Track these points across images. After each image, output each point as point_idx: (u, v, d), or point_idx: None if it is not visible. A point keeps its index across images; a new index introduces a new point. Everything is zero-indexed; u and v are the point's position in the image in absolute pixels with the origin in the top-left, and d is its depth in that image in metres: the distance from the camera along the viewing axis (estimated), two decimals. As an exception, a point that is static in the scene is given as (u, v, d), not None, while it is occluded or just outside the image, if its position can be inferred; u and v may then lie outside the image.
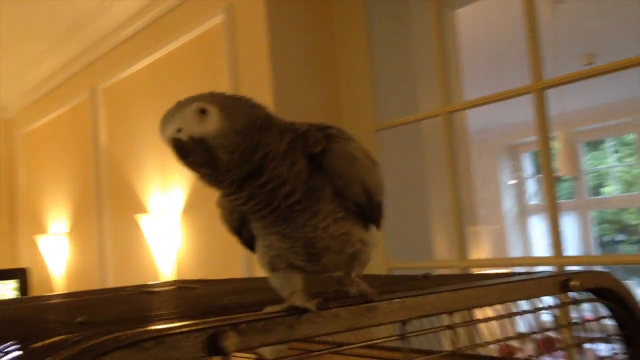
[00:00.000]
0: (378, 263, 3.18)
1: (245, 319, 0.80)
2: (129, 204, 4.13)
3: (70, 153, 5.01)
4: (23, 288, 4.93)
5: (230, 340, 0.76)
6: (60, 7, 4.10)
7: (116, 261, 4.36)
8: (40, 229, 5.33)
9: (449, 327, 1.00)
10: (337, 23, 3.38)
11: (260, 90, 3.15)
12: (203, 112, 0.91)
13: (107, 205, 4.44)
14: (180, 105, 0.93)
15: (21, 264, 5.54)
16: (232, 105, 0.93)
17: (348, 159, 0.98)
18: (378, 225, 1.07)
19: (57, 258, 4.99)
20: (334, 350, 0.97)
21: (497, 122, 9.22)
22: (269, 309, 0.88)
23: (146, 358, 0.71)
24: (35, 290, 5.07)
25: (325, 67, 3.33)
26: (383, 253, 3.20)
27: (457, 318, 1.01)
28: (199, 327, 0.75)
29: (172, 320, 0.87)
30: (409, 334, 0.95)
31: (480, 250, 6.56)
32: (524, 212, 9.89)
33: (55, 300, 1.49)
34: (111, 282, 4.32)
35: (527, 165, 9.98)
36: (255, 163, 0.91)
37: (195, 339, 0.74)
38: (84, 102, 4.73)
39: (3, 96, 5.83)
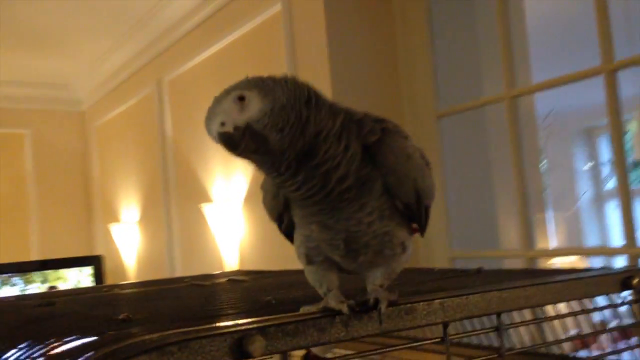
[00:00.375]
0: (439, 253, 3.11)
1: (274, 321, 0.78)
2: (194, 193, 4.21)
3: (139, 144, 5.15)
4: (98, 274, 5.13)
5: (257, 344, 0.74)
6: (127, 1, 4.19)
7: (183, 249, 4.46)
8: (113, 217, 5.52)
9: (496, 328, 0.95)
10: (397, 7, 3.30)
11: (319, 77, 3.12)
12: (241, 99, 0.88)
13: (174, 194, 4.54)
14: (218, 100, 0.91)
15: (97, 251, 5.77)
16: (271, 85, 0.90)
17: (403, 156, 0.95)
18: (422, 231, 1.04)
19: (129, 246, 5.15)
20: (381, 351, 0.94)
21: (571, 105, 8.84)
22: (305, 308, 0.85)
23: (169, 363, 0.70)
24: (109, 277, 5.26)
25: (384, 54, 3.26)
26: (445, 243, 3.12)
27: (507, 318, 0.96)
28: (225, 330, 0.74)
29: (207, 320, 0.86)
30: (452, 336, 0.91)
31: (552, 239, 6.33)
32: (599, 199, 9.47)
33: (112, 292, 1.52)
34: (179, 270, 4.42)
35: (603, 149, 9.53)
36: (309, 140, 0.88)
37: (221, 342, 0.73)
38: (150, 94, 4.84)
39: (78, 90, 6.06)
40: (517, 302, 0.96)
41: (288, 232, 1.04)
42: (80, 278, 5.19)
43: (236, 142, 0.88)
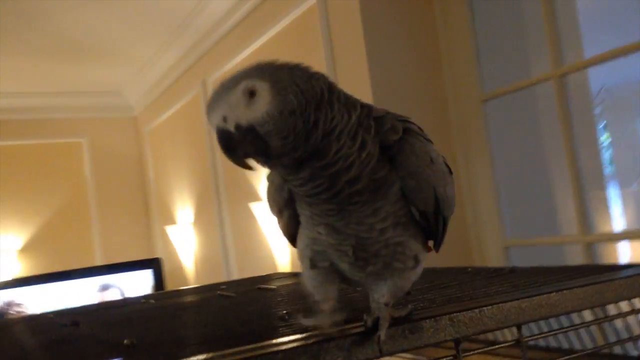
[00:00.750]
0: (492, 243, 3.00)
1: (260, 351, 0.73)
2: (244, 192, 4.22)
3: (189, 145, 5.21)
4: (158, 277, 5.22)
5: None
6: (168, 4, 4.22)
7: (237, 250, 4.48)
8: (169, 219, 5.61)
9: (517, 341, 0.87)
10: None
11: (357, 67, 3.05)
12: (252, 93, 0.80)
13: (225, 194, 4.57)
14: (226, 87, 0.83)
15: (156, 253, 5.89)
16: (286, 79, 0.82)
17: (426, 159, 0.87)
18: (438, 245, 0.95)
19: (186, 247, 5.22)
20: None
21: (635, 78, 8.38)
22: (303, 321, 0.80)
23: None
24: (169, 279, 5.35)
25: (424, 38, 3.15)
26: (498, 231, 3.00)
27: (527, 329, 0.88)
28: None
29: (193, 347, 0.83)
30: (465, 354, 0.83)
31: (619, 221, 6.01)
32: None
33: (135, 307, 1.51)
34: (235, 271, 4.45)
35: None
36: (316, 143, 0.80)
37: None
38: (197, 95, 4.87)
39: (129, 96, 6.19)
40: (539, 312, 0.87)
41: (290, 232, 0.96)
42: (140, 281, 5.29)
43: (234, 144, 0.80)
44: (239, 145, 0.81)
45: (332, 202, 0.83)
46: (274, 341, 0.75)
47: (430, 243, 0.95)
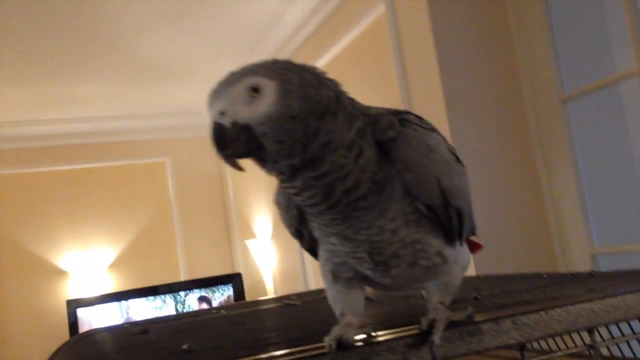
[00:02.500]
0: (578, 251, 2.84)
1: (311, 352, 0.71)
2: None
3: (266, 161, 5.27)
4: (238, 292, 5.30)
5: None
6: (243, 22, 4.31)
7: (314, 262, 4.48)
8: (250, 233, 5.70)
9: (590, 346, 0.80)
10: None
11: (428, 73, 2.99)
12: (256, 90, 0.78)
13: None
14: (231, 80, 0.81)
15: (237, 268, 5.99)
16: (294, 81, 0.79)
17: (422, 149, 0.81)
18: (460, 239, 0.87)
19: (266, 261, 5.28)
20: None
21: None
22: (325, 338, 0.75)
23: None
24: (249, 293, 5.43)
25: (498, 39, 3.05)
26: (584, 239, 2.84)
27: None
28: (252, 364, 0.68)
29: (252, 350, 0.81)
30: (532, 357, 0.77)
31: None
32: None
33: (202, 317, 1.52)
34: (312, 283, 4.45)
35: None
36: (313, 152, 0.77)
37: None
38: (271, 112, 4.93)
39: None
40: (614, 315, 0.80)
41: (311, 250, 0.94)
42: (223, 296, 5.39)
43: (227, 141, 0.78)
44: (231, 143, 0.78)
45: (334, 211, 0.80)
46: (322, 344, 0.72)
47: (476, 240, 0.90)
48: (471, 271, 2.33)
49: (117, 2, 3.68)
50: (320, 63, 4.13)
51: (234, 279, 5.33)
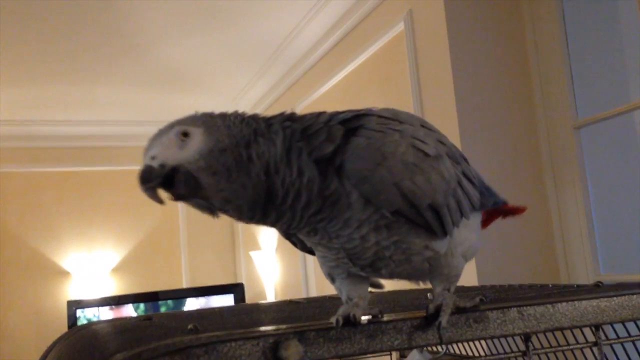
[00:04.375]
0: (584, 277, 2.83)
1: (316, 327, 0.71)
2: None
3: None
4: (239, 301, 5.29)
5: (293, 350, 0.67)
6: (263, 35, 4.35)
7: (317, 276, 4.47)
8: (255, 245, 5.70)
9: (594, 344, 0.80)
10: (526, 13, 3.10)
11: (444, 94, 3.01)
12: (185, 135, 0.82)
13: (308, 222, 4.58)
14: (161, 132, 0.86)
15: (239, 279, 5.98)
16: (218, 123, 0.83)
17: (374, 158, 0.79)
18: (443, 232, 0.85)
19: (269, 273, 5.27)
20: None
21: None
22: (332, 319, 0.76)
23: (195, 365, 0.66)
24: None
25: (514, 65, 3.07)
26: (590, 266, 2.83)
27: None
28: (259, 334, 0.69)
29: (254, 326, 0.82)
30: (536, 351, 0.78)
31: None
32: None
33: (213, 311, 1.53)
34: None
35: None
36: (260, 180, 0.79)
37: (253, 347, 0.67)
38: (283, 125, 4.96)
39: (223, 125, 6.39)
40: (620, 314, 0.80)
41: (313, 252, 0.96)
42: (224, 304, 5.38)
43: (151, 176, 0.83)
44: (154, 178, 0.83)
45: (302, 227, 0.83)
46: (329, 320, 0.73)
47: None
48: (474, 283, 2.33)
49: (140, 9, 3.73)
50: (335, 79, 4.17)
51: (235, 289, 5.32)
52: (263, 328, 0.70)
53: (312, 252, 0.96)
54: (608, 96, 3.00)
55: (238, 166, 0.80)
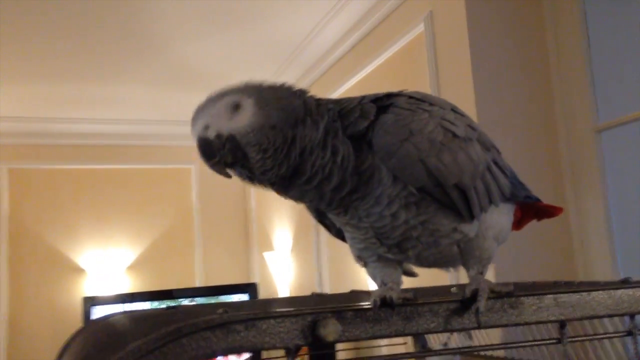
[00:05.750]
0: (602, 278, 2.80)
1: (354, 307, 0.72)
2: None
3: (291, 174, 5.30)
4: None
5: (331, 328, 0.68)
6: (282, 35, 4.37)
7: (332, 278, 4.47)
8: (268, 246, 5.71)
9: (629, 332, 0.80)
10: (548, 15, 3.09)
11: (463, 97, 3.00)
12: (236, 106, 0.83)
13: (324, 223, 4.59)
14: (211, 100, 0.86)
15: (253, 278, 6.00)
16: (269, 96, 0.84)
17: (402, 134, 0.80)
18: (470, 215, 0.85)
19: (283, 274, 5.28)
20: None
21: None
22: (371, 297, 0.77)
23: (235, 341, 0.66)
24: (264, 304, 5.41)
25: (534, 67, 3.06)
26: (609, 270, 2.80)
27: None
28: (298, 312, 0.69)
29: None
30: (571, 339, 0.77)
31: None
32: None
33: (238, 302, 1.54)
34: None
35: None
36: (295, 161, 0.80)
37: (291, 324, 0.68)
38: (300, 125, 4.97)
39: (238, 126, 6.42)
40: (657, 303, 0.80)
41: (342, 236, 0.98)
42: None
43: (214, 151, 0.83)
44: (217, 152, 0.82)
45: (332, 207, 0.83)
46: (365, 303, 0.73)
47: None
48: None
49: (159, 8, 3.76)
50: (353, 80, 4.17)
51: (249, 288, 5.33)
52: (302, 308, 0.71)
53: (343, 238, 0.96)
54: (629, 99, 2.98)
55: (282, 146, 0.81)
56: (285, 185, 0.83)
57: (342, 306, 0.71)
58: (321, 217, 0.95)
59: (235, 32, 4.22)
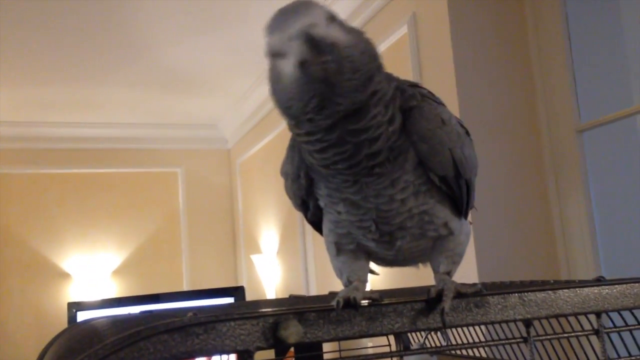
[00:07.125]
0: (585, 277, 2.81)
1: (316, 308, 0.71)
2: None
3: (277, 177, 5.28)
4: (240, 304, 5.27)
5: (292, 330, 0.67)
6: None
7: (319, 281, 4.47)
8: (255, 249, 5.70)
9: (595, 331, 0.79)
10: (530, 16, 3.10)
11: (446, 95, 3.00)
12: (331, 18, 0.77)
13: (309, 226, 4.58)
14: (304, 5, 0.77)
15: (240, 282, 5.98)
16: (350, 27, 0.81)
17: (437, 121, 0.83)
18: (467, 211, 0.90)
19: (269, 277, 5.26)
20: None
21: None
22: (333, 301, 0.75)
23: (194, 344, 0.65)
24: (251, 307, 5.40)
25: (516, 68, 3.07)
26: (592, 271, 2.82)
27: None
28: (258, 314, 0.68)
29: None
30: (537, 338, 0.77)
31: None
32: None
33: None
34: (315, 300, 4.42)
35: None
36: (364, 97, 0.76)
37: (252, 326, 0.67)
38: (285, 129, 4.97)
39: (225, 128, 6.41)
40: (622, 302, 0.80)
41: (316, 222, 0.95)
42: (226, 308, 5.36)
43: (322, 49, 0.72)
44: (324, 53, 0.73)
45: (349, 173, 0.80)
46: (330, 304, 0.73)
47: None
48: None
49: (145, 12, 3.75)
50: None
51: (236, 292, 5.30)
52: (263, 310, 0.70)
53: (318, 225, 0.94)
54: (611, 99, 2.99)
55: (366, 76, 0.77)
56: (333, 124, 0.77)
57: (305, 307, 0.70)
58: (307, 196, 0.92)
59: (221, 35, 4.21)
